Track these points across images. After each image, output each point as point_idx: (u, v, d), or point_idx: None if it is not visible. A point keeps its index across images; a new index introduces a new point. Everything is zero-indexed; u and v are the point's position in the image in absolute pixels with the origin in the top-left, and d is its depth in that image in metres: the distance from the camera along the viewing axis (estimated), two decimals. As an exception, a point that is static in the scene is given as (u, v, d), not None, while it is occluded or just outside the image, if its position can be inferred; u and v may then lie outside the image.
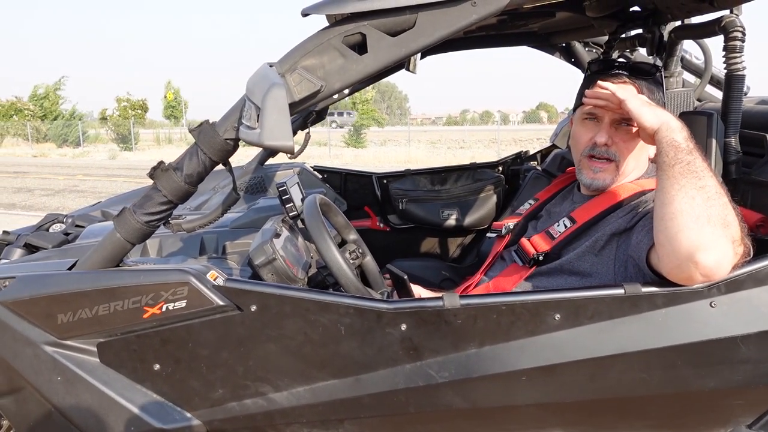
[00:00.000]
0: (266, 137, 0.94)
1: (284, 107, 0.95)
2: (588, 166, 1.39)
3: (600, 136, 1.35)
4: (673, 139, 1.10)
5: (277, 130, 0.94)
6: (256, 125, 0.96)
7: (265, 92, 0.95)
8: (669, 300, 1.08)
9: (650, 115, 1.14)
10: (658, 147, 1.12)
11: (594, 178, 1.39)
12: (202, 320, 1.16)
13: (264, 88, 0.96)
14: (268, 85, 0.96)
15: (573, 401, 1.14)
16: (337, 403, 1.17)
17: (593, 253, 1.33)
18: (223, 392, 1.19)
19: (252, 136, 0.97)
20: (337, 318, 1.13)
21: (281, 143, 0.95)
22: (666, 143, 1.10)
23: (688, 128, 1.13)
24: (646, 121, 1.14)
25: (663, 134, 1.12)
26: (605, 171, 1.37)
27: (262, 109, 0.94)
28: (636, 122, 1.17)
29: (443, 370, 1.13)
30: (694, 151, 1.09)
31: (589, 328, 1.10)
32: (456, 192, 2.71)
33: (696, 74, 2.24)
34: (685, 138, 1.11)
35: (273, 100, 0.94)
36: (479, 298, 1.13)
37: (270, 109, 0.94)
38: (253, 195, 2.53)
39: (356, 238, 1.74)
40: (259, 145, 0.96)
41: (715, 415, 1.16)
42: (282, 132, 0.95)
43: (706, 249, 1.02)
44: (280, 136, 0.95)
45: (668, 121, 1.12)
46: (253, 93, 0.98)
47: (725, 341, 1.07)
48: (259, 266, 1.39)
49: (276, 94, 0.95)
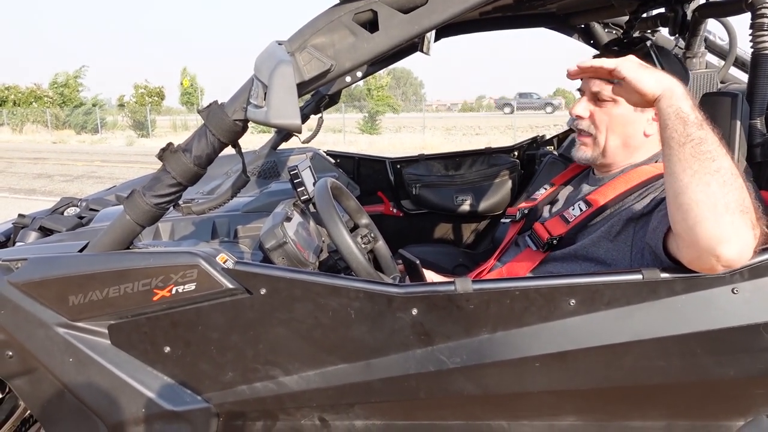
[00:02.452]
0: (273, 115, 0.92)
1: (292, 85, 0.93)
2: (576, 140, 1.40)
3: (575, 108, 1.35)
4: (679, 108, 0.97)
5: (284, 108, 0.92)
6: (263, 104, 0.94)
7: (272, 70, 0.93)
8: (689, 286, 1.04)
9: (650, 79, 0.98)
10: (663, 119, 0.99)
11: (575, 151, 1.41)
12: (211, 303, 1.15)
13: (271, 66, 0.94)
14: (276, 62, 0.94)
15: (587, 389, 1.12)
16: (347, 388, 1.16)
17: (608, 239, 1.29)
18: (233, 375, 1.19)
19: (259, 114, 0.95)
20: (347, 302, 1.12)
21: (288, 121, 0.93)
22: (673, 114, 0.97)
23: (705, 107, 1.05)
24: (645, 85, 0.98)
25: (668, 102, 0.98)
26: (585, 145, 1.38)
27: (269, 87, 0.92)
28: (635, 89, 1.00)
29: (455, 355, 1.11)
30: (704, 125, 0.97)
31: (606, 314, 1.07)
32: (470, 177, 2.67)
33: (720, 56, 2.16)
34: (692, 107, 0.98)
35: (280, 77, 0.92)
36: (492, 283, 1.10)
37: (277, 87, 0.92)
38: (266, 179, 2.53)
39: (368, 222, 1.72)
40: (266, 124, 0.94)
41: (734, 405, 1.12)
42: (289, 110, 0.92)
43: (728, 241, 0.94)
44: (286, 114, 0.92)
45: (671, 87, 0.98)
46: (260, 71, 0.96)
47: (747, 329, 1.03)
48: (270, 250, 1.38)
49: (283, 71, 0.93)
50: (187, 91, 27.98)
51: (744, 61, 2.15)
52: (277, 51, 0.97)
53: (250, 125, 1.12)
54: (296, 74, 1.02)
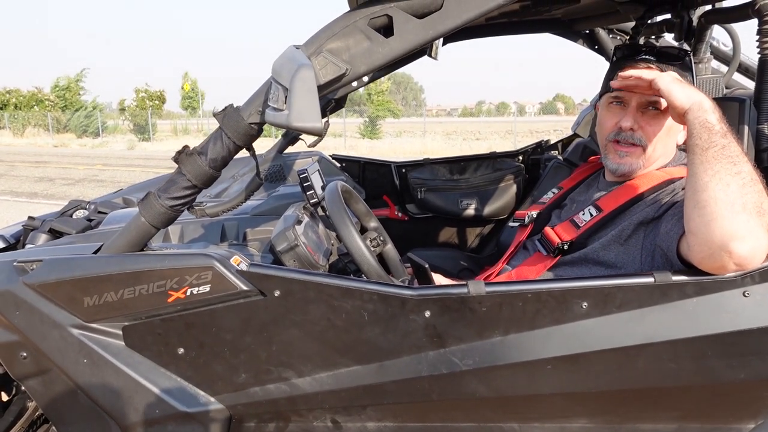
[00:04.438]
0: (295, 119, 0.93)
1: (313, 88, 0.94)
2: (614, 150, 1.36)
3: (625, 121, 1.32)
4: (705, 119, 1.06)
5: (306, 111, 0.93)
6: (284, 107, 0.95)
7: (294, 73, 0.94)
8: (700, 289, 1.05)
9: (681, 94, 1.10)
10: (690, 128, 1.08)
11: (620, 163, 1.36)
12: (225, 305, 1.16)
13: (292, 69, 0.95)
14: (297, 65, 0.95)
15: (599, 391, 1.12)
16: (360, 390, 1.17)
17: (619, 242, 1.30)
18: (246, 377, 1.19)
19: (280, 118, 0.96)
20: (360, 304, 1.13)
21: (310, 125, 0.94)
22: (699, 124, 1.06)
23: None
24: (677, 99, 1.09)
25: (695, 114, 1.07)
26: (631, 155, 1.34)
27: (291, 90, 0.93)
28: (667, 101, 1.12)
29: (467, 357, 1.12)
30: (728, 134, 1.05)
31: (618, 317, 1.08)
32: (475, 181, 2.68)
33: (723, 61, 2.18)
34: (718, 119, 1.06)
35: (301, 81, 0.93)
36: (505, 286, 1.11)
37: (299, 90, 0.93)
38: (273, 183, 2.53)
39: (377, 225, 1.73)
40: (287, 127, 0.95)
41: (744, 408, 1.13)
42: (311, 113, 0.94)
43: (741, 238, 0.98)
44: (309, 118, 0.94)
45: (701, 101, 1.08)
46: (280, 75, 0.97)
47: (758, 332, 1.04)
48: (282, 252, 1.39)
49: (305, 74, 0.94)
50: (188, 95, 28.05)
51: (747, 66, 2.17)
52: (296, 55, 0.98)
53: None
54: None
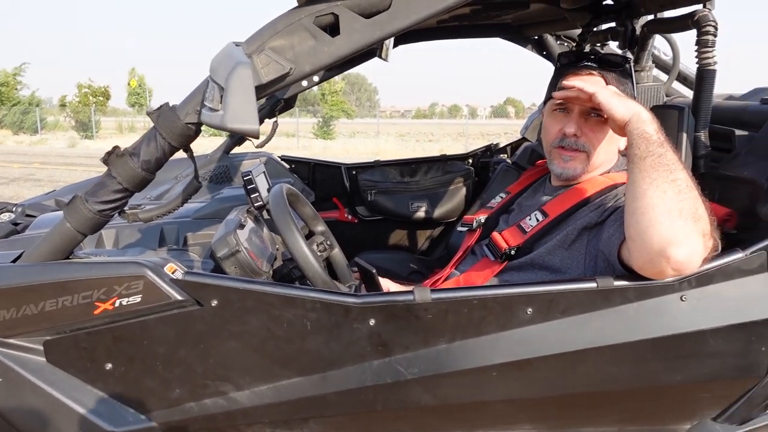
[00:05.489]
0: (230, 119, 0.88)
1: (250, 88, 0.89)
2: (559, 155, 1.39)
3: (569, 127, 1.35)
4: (644, 130, 1.08)
5: (242, 112, 0.88)
6: (219, 107, 0.90)
7: (230, 72, 0.89)
8: (641, 294, 1.07)
9: (621, 107, 1.12)
10: (629, 139, 1.11)
11: (564, 167, 1.38)
12: (158, 316, 1.09)
13: (228, 68, 0.89)
14: (233, 64, 0.90)
15: (543, 396, 1.13)
16: (301, 402, 1.12)
17: (564, 247, 1.31)
18: (180, 392, 1.13)
19: (214, 118, 0.90)
20: (302, 313, 1.08)
21: (246, 126, 0.89)
22: (637, 135, 1.09)
23: (659, 121, 1.12)
24: (617, 112, 1.12)
25: (634, 125, 1.10)
26: (575, 160, 1.37)
27: (226, 90, 0.88)
28: (606, 114, 1.15)
29: (412, 366, 1.10)
30: (665, 144, 1.08)
31: (561, 322, 1.08)
32: (425, 184, 2.68)
33: (663, 70, 2.26)
34: (656, 130, 1.09)
35: (238, 80, 0.88)
36: (451, 292, 1.09)
37: (234, 90, 0.88)
38: (218, 185, 2.45)
39: (324, 229, 1.69)
40: (222, 128, 0.90)
41: (682, 409, 1.16)
42: (247, 114, 0.88)
43: (678, 243, 1.01)
44: (245, 119, 0.88)
45: (639, 113, 1.11)
46: (216, 73, 0.92)
47: (694, 335, 1.07)
48: (222, 258, 1.33)
49: (241, 73, 0.89)
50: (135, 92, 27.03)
51: (686, 75, 2.25)
52: (234, 52, 0.93)
53: (203, 128, 1.07)
54: (254, 77, 0.99)
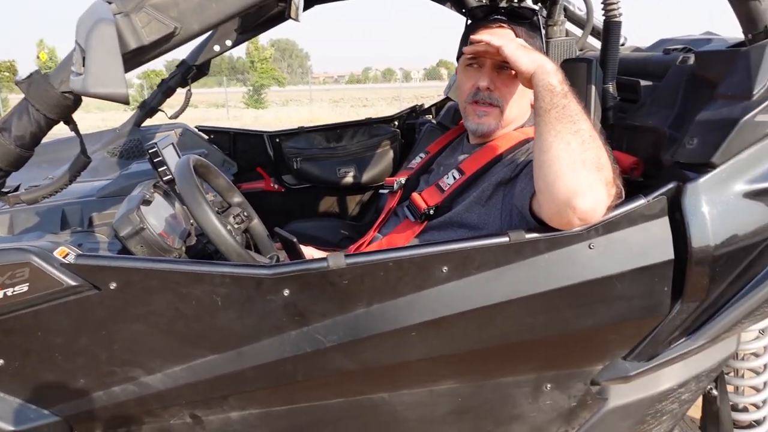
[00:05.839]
0: (92, 84, 0.79)
1: (114, 48, 0.80)
2: (473, 111, 1.39)
3: (482, 80, 1.35)
4: (548, 82, 1.09)
5: (105, 74, 0.79)
6: (82, 70, 0.81)
7: (89, 30, 0.79)
8: (551, 245, 1.08)
9: (526, 59, 1.13)
10: (535, 91, 1.11)
11: (479, 123, 1.39)
12: (52, 304, 1.01)
13: (89, 26, 0.80)
14: (94, 21, 0.80)
15: (463, 351, 1.14)
16: (218, 380, 1.08)
17: (480, 203, 1.32)
18: (85, 382, 1.06)
19: (76, 83, 0.81)
20: (211, 289, 1.03)
21: (111, 90, 0.81)
22: (542, 87, 1.09)
23: (564, 73, 1.12)
24: (522, 64, 1.12)
25: (538, 77, 1.10)
26: (489, 115, 1.37)
27: (87, 51, 0.79)
28: (513, 67, 1.16)
29: (331, 333, 1.08)
30: (568, 94, 1.09)
31: (477, 278, 1.09)
32: (352, 149, 2.64)
33: (578, 25, 2.29)
34: (560, 81, 1.10)
35: (99, 39, 0.79)
36: (365, 256, 1.07)
37: (95, 51, 0.79)
38: (129, 160, 2.30)
39: (241, 200, 1.62)
40: (85, 94, 0.81)
41: (594, 351, 1.20)
42: (111, 77, 0.80)
43: (582, 194, 1.02)
44: (109, 82, 0.80)
45: (543, 64, 1.11)
46: (78, 33, 0.82)
47: (602, 281, 1.10)
48: (125, 238, 1.24)
49: (103, 32, 0.80)
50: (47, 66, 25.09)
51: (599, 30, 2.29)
52: (99, 9, 0.83)
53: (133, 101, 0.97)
54: (133, 38, 0.90)
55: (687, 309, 1.13)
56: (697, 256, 1.07)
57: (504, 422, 1.24)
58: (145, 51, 0.94)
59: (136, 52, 0.93)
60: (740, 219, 1.07)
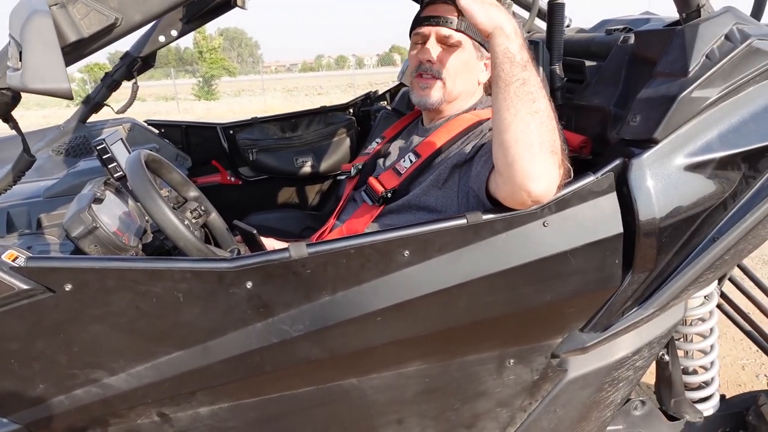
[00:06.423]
0: (31, 79, 0.76)
1: (52, 40, 0.77)
2: (417, 84, 1.42)
3: (423, 53, 1.37)
4: (506, 48, 1.01)
5: (45, 69, 0.76)
6: (19, 65, 0.77)
7: (24, 23, 0.76)
8: (508, 224, 1.11)
9: (483, 15, 1.02)
10: (493, 57, 1.04)
11: (422, 95, 1.42)
12: (4, 309, 0.97)
13: (23, 18, 0.77)
14: (28, 13, 0.77)
15: (428, 333, 1.16)
16: (185, 376, 1.07)
17: (437, 186, 1.34)
18: (45, 387, 1.03)
19: (14, 79, 0.78)
20: (172, 285, 1.02)
21: (52, 86, 0.77)
22: (501, 53, 1.01)
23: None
24: (479, 21, 1.02)
25: (496, 40, 1.02)
26: (431, 87, 1.40)
27: (23, 44, 0.76)
28: (470, 21, 1.05)
29: (297, 323, 1.08)
30: (528, 65, 1.02)
31: (438, 260, 1.11)
32: (308, 138, 2.61)
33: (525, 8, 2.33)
34: (519, 47, 1.02)
35: (35, 32, 0.76)
36: (327, 245, 1.07)
37: (32, 44, 0.75)
38: (76, 158, 2.22)
39: (198, 195, 1.59)
40: (25, 90, 0.78)
41: (552, 325, 1.25)
42: (52, 71, 0.77)
43: (538, 178, 1.02)
44: (49, 77, 0.77)
45: (502, 25, 1.02)
46: (12, 26, 0.79)
47: (557, 257, 1.14)
48: (78, 238, 1.20)
49: (39, 24, 0.76)
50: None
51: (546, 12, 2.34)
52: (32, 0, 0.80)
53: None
54: (71, 30, 0.86)
55: (637, 279, 1.18)
56: (644, 229, 1.11)
57: (471, 399, 1.27)
58: (85, 44, 0.91)
59: (76, 45, 0.90)
60: (682, 191, 1.13)
